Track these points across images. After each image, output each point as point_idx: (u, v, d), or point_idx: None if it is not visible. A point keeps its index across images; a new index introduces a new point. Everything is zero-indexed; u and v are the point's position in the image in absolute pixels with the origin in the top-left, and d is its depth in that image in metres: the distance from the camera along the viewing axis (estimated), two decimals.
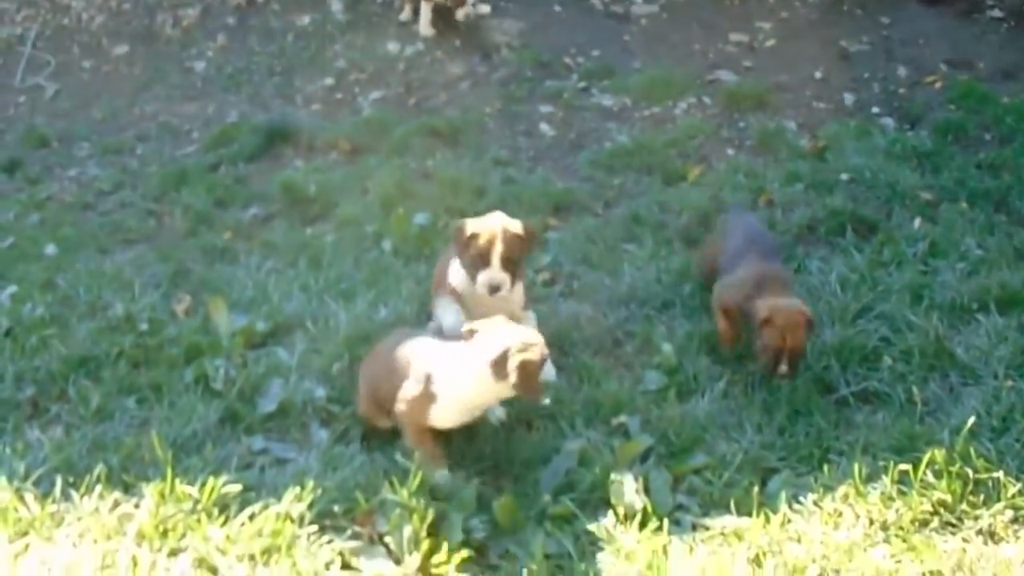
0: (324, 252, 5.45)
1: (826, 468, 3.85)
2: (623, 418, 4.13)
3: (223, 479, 3.77)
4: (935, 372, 4.38)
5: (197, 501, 3.71)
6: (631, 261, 5.21)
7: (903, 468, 3.75)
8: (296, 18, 8.37)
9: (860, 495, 3.71)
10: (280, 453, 4.07)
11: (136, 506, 3.72)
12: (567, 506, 3.66)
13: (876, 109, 6.91)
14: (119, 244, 5.85)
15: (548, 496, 3.72)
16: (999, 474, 3.73)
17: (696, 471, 3.87)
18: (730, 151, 6.46)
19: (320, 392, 4.31)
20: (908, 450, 3.87)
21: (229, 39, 8.28)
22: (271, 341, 4.73)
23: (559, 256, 5.33)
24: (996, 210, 5.62)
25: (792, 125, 6.72)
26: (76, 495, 3.79)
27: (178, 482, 3.76)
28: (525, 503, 3.70)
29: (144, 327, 4.82)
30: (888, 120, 6.74)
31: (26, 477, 3.87)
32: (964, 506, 3.68)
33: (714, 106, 7.00)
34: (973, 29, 7.83)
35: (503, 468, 3.89)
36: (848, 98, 7.07)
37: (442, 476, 3.79)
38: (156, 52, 8.26)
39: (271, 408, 4.27)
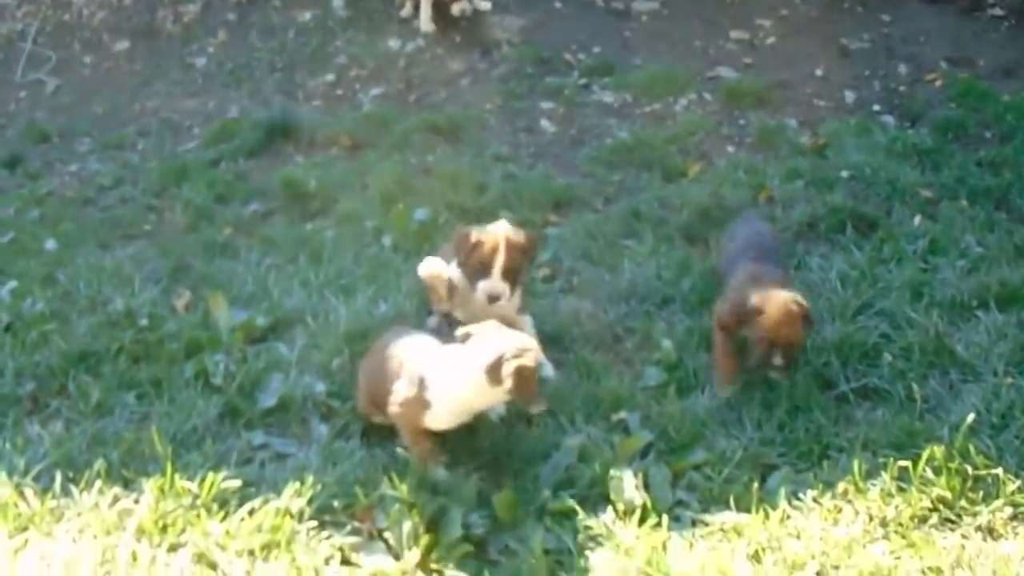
0: (324, 247, 5.44)
1: (826, 464, 3.86)
2: (623, 414, 4.13)
3: (223, 474, 3.78)
4: (935, 369, 4.37)
5: (197, 496, 3.73)
6: (631, 257, 5.21)
7: (903, 464, 3.75)
8: (297, 14, 8.36)
9: (860, 491, 3.71)
10: (280, 448, 4.08)
11: (136, 501, 3.73)
12: (567, 502, 3.66)
13: (876, 106, 6.89)
14: (119, 239, 5.85)
15: (548, 492, 3.72)
16: (998, 471, 3.73)
17: (696, 467, 3.87)
18: (730, 148, 6.45)
19: (320, 387, 4.31)
20: (908, 446, 3.87)
21: (230, 35, 8.27)
22: (271, 336, 4.73)
23: (559, 252, 5.33)
24: (996, 208, 5.61)
25: (792, 122, 6.70)
26: (76, 490, 3.80)
27: (178, 477, 3.77)
28: (525, 499, 3.71)
29: (144, 322, 4.83)
30: (888, 118, 6.72)
31: (26, 472, 3.88)
32: (963, 503, 3.68)
33: (714, 103, 6.99)
34: (974, 27, 7.81)
35: (503, 464, 3.89)
36: (848, 95, 7.05)
37: (439, 475, 3.79)
38: (157, 48, 8.25)
39: (271, 403, 4.28)
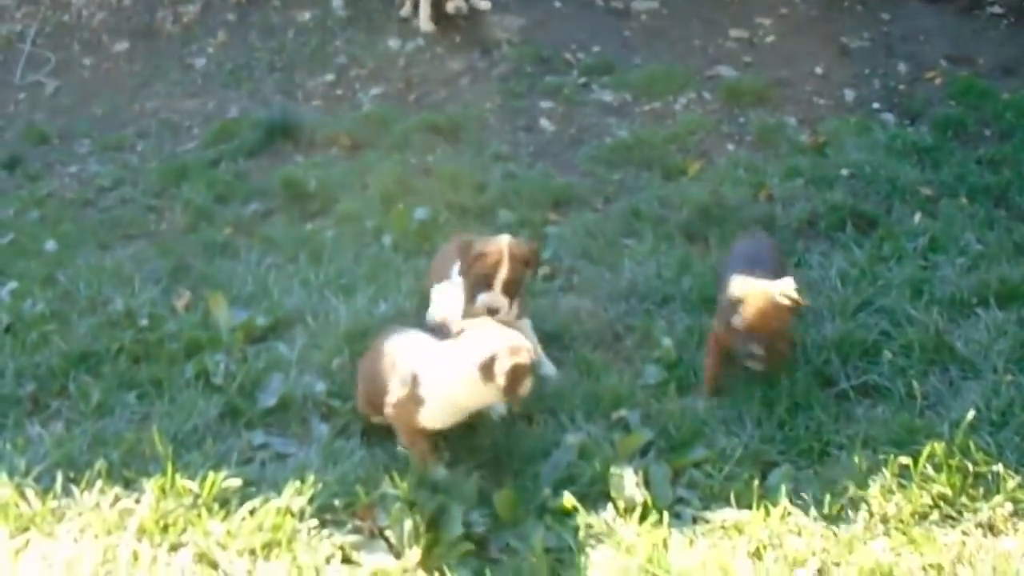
0: (324, 247, 5.44)
1: (826, 461, 3.88)
2: (623, 412, 4.13)
3: (223, 474, 3.79)
4: (935, 366, 4.37)
5: (197, 496, 3.73)
6: (631, 256, 5.21)
7: (903, 461, 3.76)
8: (296, 14, 8.36)
9: (860, 488, 3.71)
10: (280, 448, 4.08)
11: (137, 501, 3.74)
12: (568, 500, 3.66)
13: (876, 105, 6.89)
14: (119, 240, 5.85)
15: (548, 490, 3.73)
16: (998, 467, 3.75)
17: (696, 465, 3.87)
18: (730, 146, 6.45)
19: (320, 387, 4.32)
20: (908, 443, 3.87)
21: (229, 35, 8.27)
22: (271, 336, 4.73)
23: (559, 251, 5.33)
24: (996, 205, 5.61)
25: (792, 121, 6.70)
26: (77, 490, 3.81)
27: (178, 477, 3.78)
28: (525, 497, 3.71)
29: (144, 323, 4.83)
30: (888, 116, 6.72)
31: (27, 473, 3.88)
32: (964, 499, 3.69)
33: (714, 102, 6.99)
34: (973, 25, 7.81)
35: (503, 462, 3.89)
36: (848, 94, 7.05)
37: (439, 474, 3.80)
38: (156, 48, 8.25)
39: (271, 403, 4.28)
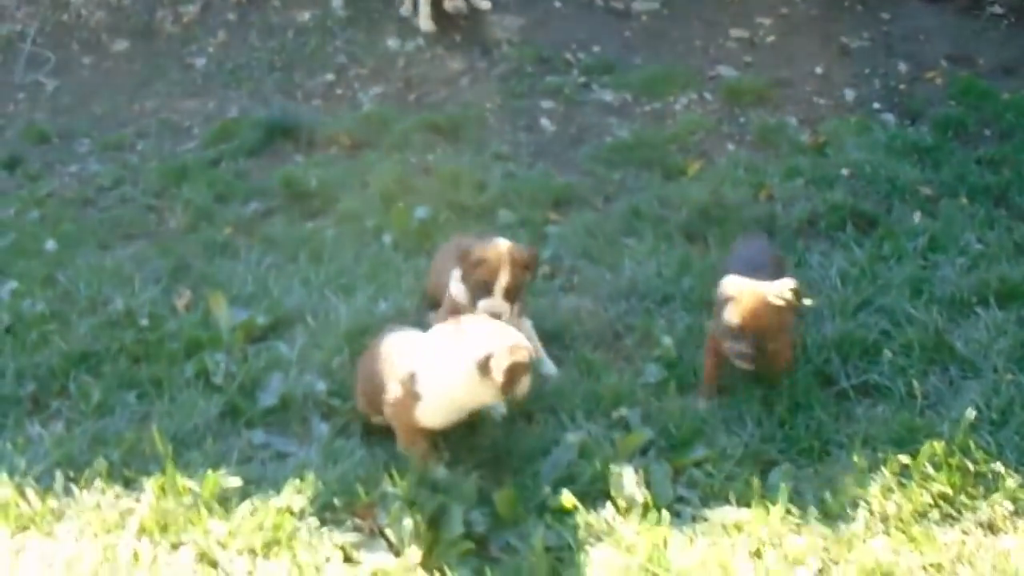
0: (324, 246, 5.44)
1: (826, 460, 3.87)
2: (623, 411, 4.13)
3: (223, 473, 3.80)
4: (935, 365, 4.37)
5: (198, 495, 3.74)
6: (631, 255, 5.21)
7: (903, 460, 3.76)
8: (296, 14, 8.36)
9: (860, 487, 3.71)
10: (281, 447, 4.08)
11: (137, 500, 3.75)
12: (568, 498, 3.66)
13: (877, 105, 6.89)
14: (119, 240, 5.84)
15: (549, 489, 3.72)
16: (998, 466, 3.76)
17: (696, 463, 3.87)
18: (730, 146, 6.46)
19: (321, 386, 4.32)
20: (908, 442, 3.88)
21: (229, 35, 8.27)
22: (271, 335, 4.73)
23: (559, 250, 5.33)
24: (996, 205, 5.61)
25: (792, 121, 6.70)
26: (77, 490, 3.82)
27: (179, 476, 3.78)
28: (526, 496, 3.71)
29: (144, 322, 4.82)
30: (888, 115, 6.72)
31: (27, 472, 3.89)
32: (963, 498, 3.69)
33: (714, 102, 6.99)
34: (974, 25, 7.81)
35: (503, 461, 3.89)
36: (848, 94, 7.05)
37: (439, 473, 3.79)
38: (156, 48, 8.25)
39: (272, 402, 4.28)
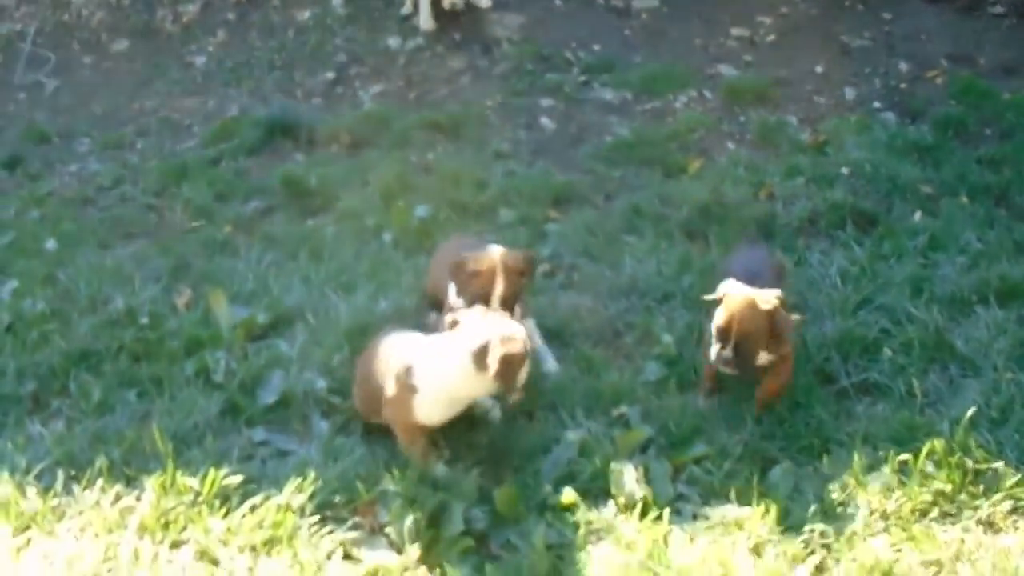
0: (325, 245, 5.43)
1: (826, 459, 3.87)
2: (623, 408, 4.13)
3: (224, 471, 3.81)
4: (935, 364, 4.37)
5: (198, 493, 3.74)
6: (631, 253, 5.20)
7: (903, 458, 3.77)
8: (296, 12, 8.35)
9: (860, 485, 3.72)
10: (281, 445, 4.09)
11: (137, 499, 3.76)
12: (568, 496, 3.66)
13: (877, 104, 6.87)
14: (120, 239, 5.83)
15: (549, 486, 3.73)
16: (998, 465, 3.76)
17: (696, 461, 3.87)
18: (731, 145, 6.45)
19: (321, 383, 4.32)
20: (908, 441, 3.88)
21: (229, 34, 8.27)
22: (272, 333, 4.73)
23: (559, 248, 5.33)
24: (996, 204, 5.60)
25: (793, 119, 6.69)
26: (78, 488, 3.82)
27: (179, 474, 3.79)
28: (526, 493, 3.71)
29: (145, 321, 4.83)
30: (889, 115, 6.70)
31: (28, 471, 3.90)
32: (963, 496, 3.70)
33: (715, 100, 6.98)
34: (974, 25, 7.79)
35: (503, 459, 3.89)
36: (849, 93, 7.04)
37: (439, 471, 3.80)
38: (156, 48, 8.24)
39: (272, 400, 4.28)
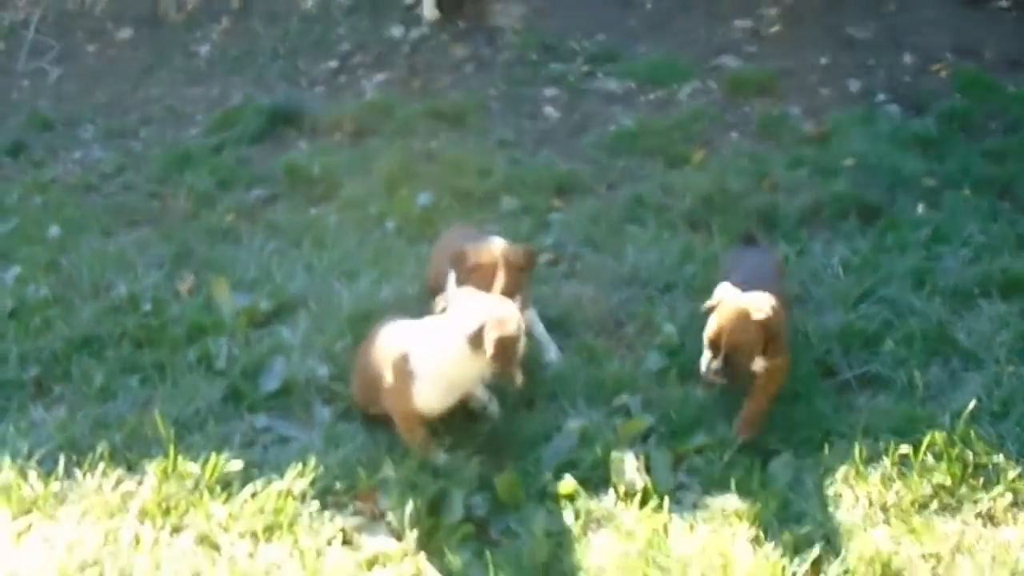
0: (327, 232, 5.44)
1: (827, 450, 3.85)
2: (625, 398, 4.13)
3: (225, 457, 3.82)
4: (937, 356, 4.36)
5: (199, 478, 3.75)
6: (634, 243, 5.20)
7: (903, 451, 3.76)
8: (300, 1, 8.36)
9: (860, 477, 3.71)
10: (282, 431, 4.09)
11: (139, 484, 3.77)
12: (569, 484, 3.66)
13: (881, 96, 6.84)
14: (123, 226, 5.84)
15: (549, 474, 3.73)
16: (999, 458, 3.75)
17: (697, 451, 3.86)
18: (734, 135, 6.44)
19: (323, 371, 4.33)
20: (909, 433, 3.86)
21: (233, 22, 8.27)
22: (274, 320, 4.74)
23: (562, 237, 5.33)
24: (1000, 198, 5.58)
25: (796, 111, 6.67)
26: (79, 473, 3.83)
27: (181, 460, 3.80)
28: (526, 481, 3.71)
29: (147, 307, 4.84)
30: (893, 107, 6.67)
31: (30, 456, 3.90)
32: (964, 489, 3.68)
33: (718, 91, 6.97)
34: (979, 18, 7.76)
35: (504, 446, 3.90)
36: (853, 84, 7.02)
37: (440, 459, 3.80)
38: (160, 36, 8.25)
39: (274, 386, 4.29)
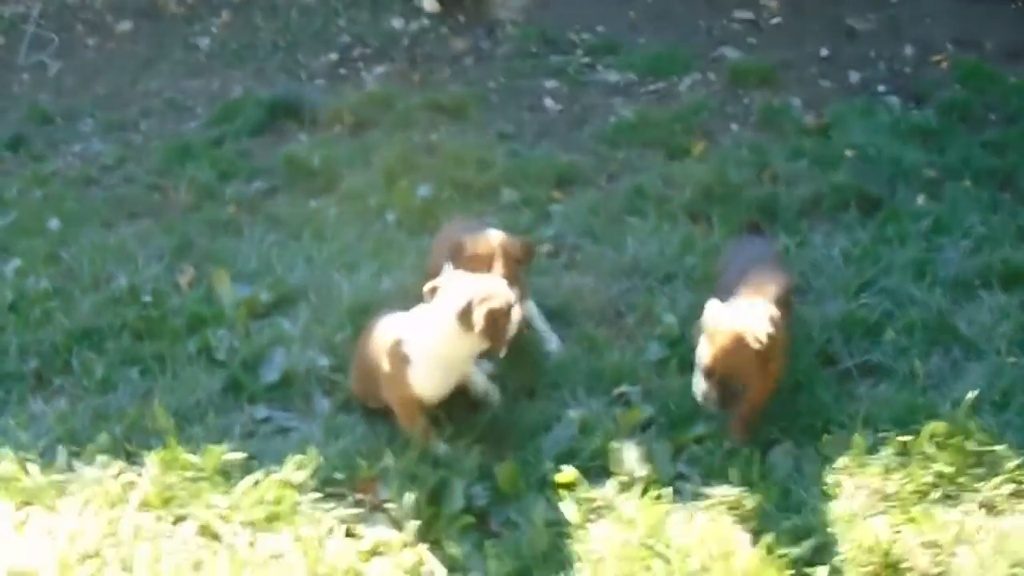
0: (328, 224, 5.43)
1: (827, 439, 3.85)
2: (625, 388, 4.13)
3: (226, 447, 3.82)
4: (937, 346, 4.36)
5: (200, 469, 3.76)
6: (634, 234, 5.19)
7: (904, 440, 3.76)
8: None
9: (861, 466, 3.72)
10: (283, 422, 4.09)
11: (139, 475, 3.77)
12: (569, 474, 3.67)
13: (882, 87, 6.83)
14: (123, 218, 5.81)
15: (550, 464, 3.73)
16: (1000, 447, 3.76)
17: (697, 440, 3.87)
18: (734, 127, 6.42)
19: (323, 362, 4.33)
20: (909, 422, 3.87)
21: (233, 15, 8.25)
22: (275, 312, 4.73)
23: (563, 229, 5.31)
24: (1000, 189, 5.57)
25: (796, 102, 6.65)
26: (80, 465, 3.83)
27: (181, 451, 3.80)
28: (527, 471, 3.72)
29: (148, 299, 4.83)
30: (894, 98, 6.65)
31: (30, 448, 3.91)
32: (964, 478, 3.69)
33: (718, 82, 6.95)
34: (980, 9, 7.74)
35: (505, 436, 3.90)
36: (853, 76, 7.00)
37: (440, 449, 3.81)
38: (160, 29, 8.22)
39: (274, 377, 4.29)
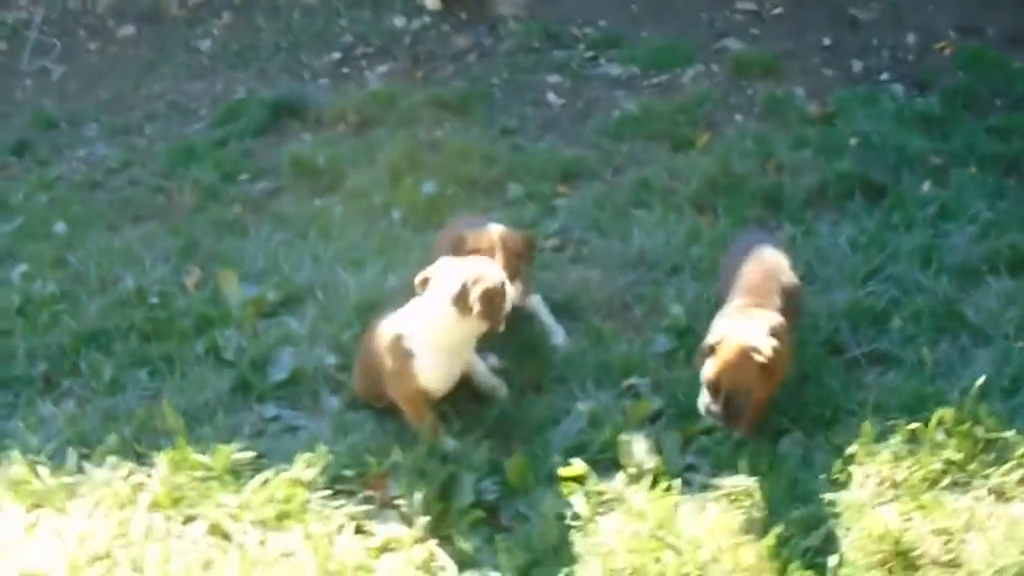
0: (333, 223, 5.44)
1: (836, 428, 3.85)
2: (633, 380, 4.12)
3: (235, 447, 3.83)
4: (945, 333, 4.34)
5: (210, 469, 3.76)
6: (640, 226, 5.17)
7: (913, 427, 3.75)
8: None
9: (870, 454, 3.70)
10: (291, 420, 4.10)
11: (149, 475, 3.78)
12: (578, 467, 3.66)
13: (885, 75, 6.81)
14: (129, 221, 5.83)
15: (559, 457, 3.73)
16: (1009, 434, 3.73)
17: (706, 432, 3.84)
18: (738, 118, 6.41)
19: (331, 360, 4.34)
20: (918, 410, 3.85)
21: (235, 17, 8.26)
22: (282, 311, 4.74)
23: (568, 222, 5.31)
24: (1006, 174, 5.55)
25: (800, 92, 6.63)
26: (89, 466, 3.83)
27: (191, 451, 3.81)
28: (536, 464, 3.71)
29: (155, 300, 4.85)
30: (897, 86, 6.63)
31: (40, 450, 3.92)
32: (974, 465, 3.67)
33: (722, 74, 6.94)
34: None
35: (514, 430, 3.90)
36: (856, 65, 6.98)
37: (448, 445, 3.80)
38: (162, 32, 8.25)
39: (282, 376, 4.29)
